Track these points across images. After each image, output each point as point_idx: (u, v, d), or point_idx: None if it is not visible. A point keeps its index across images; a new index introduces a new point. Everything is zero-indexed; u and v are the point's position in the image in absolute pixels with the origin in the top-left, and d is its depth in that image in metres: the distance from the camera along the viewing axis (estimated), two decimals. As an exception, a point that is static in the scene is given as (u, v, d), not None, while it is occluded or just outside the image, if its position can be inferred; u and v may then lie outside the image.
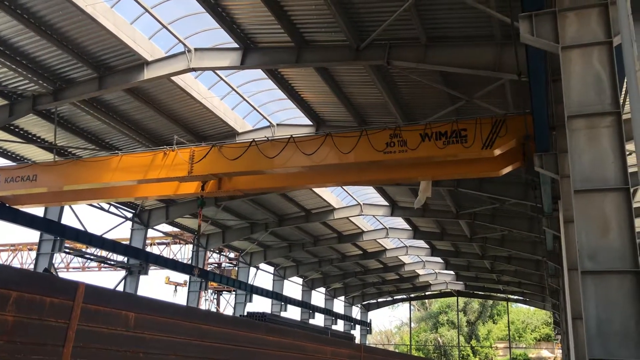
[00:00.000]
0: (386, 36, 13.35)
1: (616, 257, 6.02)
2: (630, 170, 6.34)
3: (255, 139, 15.52)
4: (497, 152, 13.33)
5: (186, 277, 33.80)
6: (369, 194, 26.99)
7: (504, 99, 15.57)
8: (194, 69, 15.46)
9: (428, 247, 35.17)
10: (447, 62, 13.18)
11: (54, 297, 4.38)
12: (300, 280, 41.62)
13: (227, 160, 15.44)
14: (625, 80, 9.39)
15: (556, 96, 11.11)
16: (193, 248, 31.48)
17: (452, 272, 43.03)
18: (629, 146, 6.35)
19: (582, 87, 6.62)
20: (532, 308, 59.99)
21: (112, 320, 4.93)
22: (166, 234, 34.99)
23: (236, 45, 14.89)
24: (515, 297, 48.84)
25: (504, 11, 11.36)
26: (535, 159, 11.95)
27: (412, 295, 53.49)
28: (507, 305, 56.53)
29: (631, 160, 6.52)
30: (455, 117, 14.02)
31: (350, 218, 29.60)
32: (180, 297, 43.78)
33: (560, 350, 45.22)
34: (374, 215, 29.08)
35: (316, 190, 25.59)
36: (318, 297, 44.33)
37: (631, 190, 6.20)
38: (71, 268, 40.67)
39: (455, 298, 54.86)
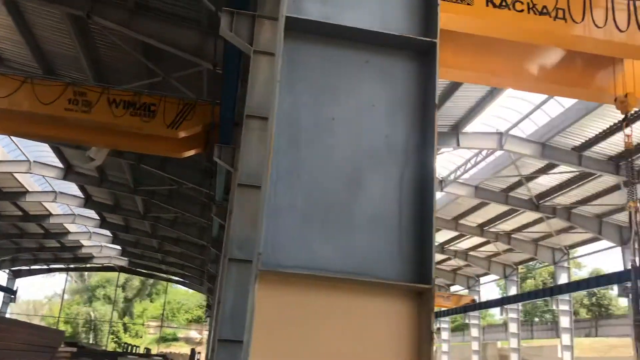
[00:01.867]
0: (92, -13, 12.45)
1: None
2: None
3: None
4: (182, 134, 13.59)
5: None
6: (42, 151, 24.56)
7: (201, 85, 15.92)
8: None
9: (98, 218, 33.75)
10: (151, 34, 12.84)
11: None
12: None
13: None
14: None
15: (244, 95, 11.78)
16: None
17: (118, 247, 42.12)
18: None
19: (263, 92, 7.18)
20: (190, 290, 62.45)
21: None
22: None
23: None
24: (177, 278, 50.19)
25: (214, 1, 11.64)
26: (216, 149, 12.41)
27: (72, 266, 50.64)
28: (167, 285, 57.68)
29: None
30: (148, 91, 13.83)
31: (14, 174, 26.61)
32: None
33: (208, 332, 48.05)
34: (43, 176, 26.66)
35: (-23, 135, 22.34)
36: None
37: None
38: None
39: (117, 273, 53.73)
